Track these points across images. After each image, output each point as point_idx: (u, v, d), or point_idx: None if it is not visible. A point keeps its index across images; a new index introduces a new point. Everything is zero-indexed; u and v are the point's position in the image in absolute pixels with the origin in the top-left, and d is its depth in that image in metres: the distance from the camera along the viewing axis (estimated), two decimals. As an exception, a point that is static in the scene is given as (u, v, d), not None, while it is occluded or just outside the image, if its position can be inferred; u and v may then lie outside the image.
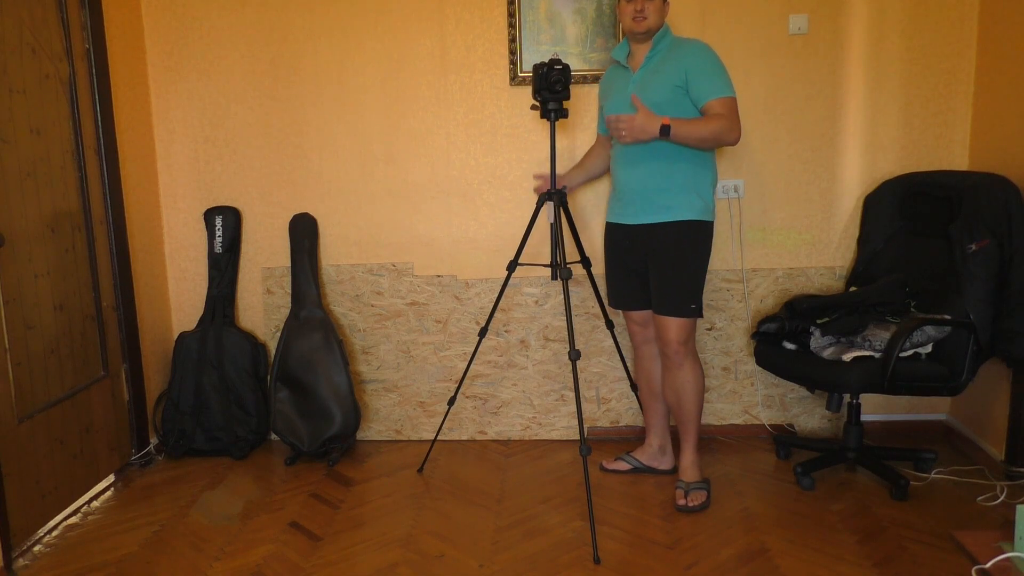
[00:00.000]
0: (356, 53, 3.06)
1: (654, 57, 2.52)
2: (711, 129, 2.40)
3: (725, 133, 2.41)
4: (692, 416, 2.65)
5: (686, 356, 2.59)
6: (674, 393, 2.65)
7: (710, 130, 2.40)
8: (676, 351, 2.57)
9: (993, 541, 2.22)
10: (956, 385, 2.52)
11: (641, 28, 2.48)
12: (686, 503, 2.57)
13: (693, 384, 2.61)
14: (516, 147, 3.08)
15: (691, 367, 2.61)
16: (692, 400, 2.63)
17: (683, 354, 2.58)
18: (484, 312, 3.16)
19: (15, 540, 2.38)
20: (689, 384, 2.61)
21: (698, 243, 2.55)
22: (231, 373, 3.13)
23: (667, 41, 2.53)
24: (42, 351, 2.54)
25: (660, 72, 2.48)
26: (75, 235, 2.73)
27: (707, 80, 2.43)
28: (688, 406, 2.63)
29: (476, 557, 2.33)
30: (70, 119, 2.71)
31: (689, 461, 2.68)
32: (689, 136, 2.39)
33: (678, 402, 2.65)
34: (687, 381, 2.61)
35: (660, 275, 2.57)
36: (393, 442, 3.26)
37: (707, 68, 2.44)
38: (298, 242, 3.14)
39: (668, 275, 2.55)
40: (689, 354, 2.60)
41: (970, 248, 2.50)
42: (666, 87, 2.46)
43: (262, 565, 2.32)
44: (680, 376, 2.61)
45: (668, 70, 2.47)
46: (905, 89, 2.96)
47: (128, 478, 2.97)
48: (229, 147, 3.15)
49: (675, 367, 2.61)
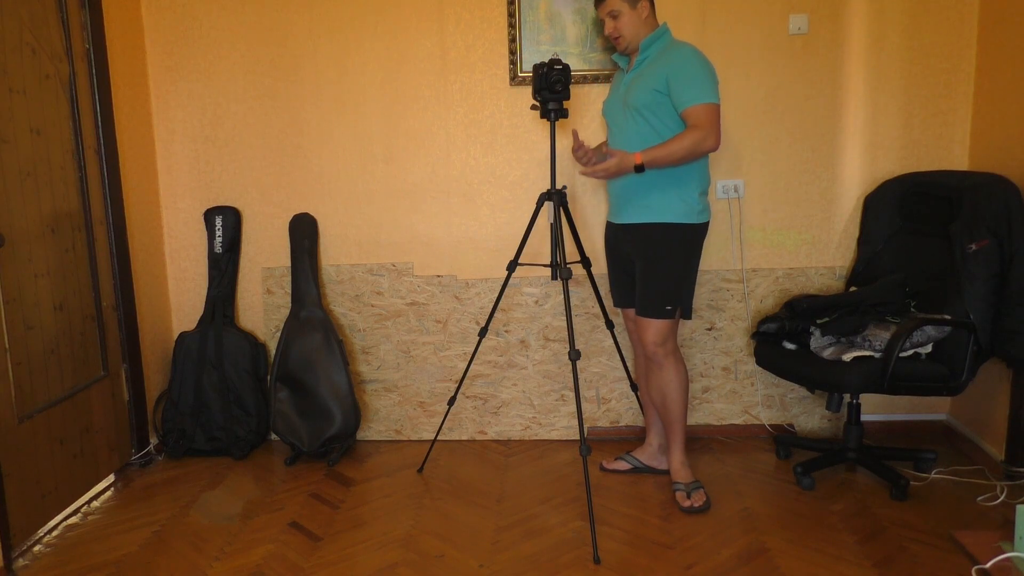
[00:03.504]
0: (356, 53, 3.06)
1: (643, 61, 2.56)
2: (683, 146, 2.40)
3: (699, 144, 2.40)
4: (677, 416, 2.65)
5: (665, 357, 2.59)
6: (658, 393, 2.66)
7: (683, 147, 2.40)
8: (654, 352, 2.58)
9: (993, 541, 2.22)
10: (956, 385, 2.52)
11: (620, 46, 2.59)
12: (691, 504, 2.57)
13: (675, 384, 2.61)
14: (516, 147, 3.08)
15: (672, 367, 2.60)
16: (676, 400, 2.62)
17: (662, 355, 2.58)
18: (484, 312, 3.16)
19: (15, 540, 2.38)
20: (671, 384, 2.61)
21: (676, 245, 2.55)
22: (231, 373, 3.13)
23: (659, 45, 2.53)
24: (42, 351, 2.54)
25: (644, 76, 2.52)
26: (75, 235, 2.73)
27: (685, 87, 2.42)
28: (672, 406, 2.63)
29: (476, 557, 2.33)
30: (70, 119, 2.71)
31: (679, 462, 2.68)
32: (665, 160, 2.43)
33: (663, 403, 2.66)
34: (669, 381, 2.61)
35: (639, 276, 2.60)
36: (393, 442, 3.26)
37: (686, 75, 2.43)
38: (298, 242, 3.14)
39: (645, 276, 2.58)
40: (669, 354, 2.59)
41: (970, 248, 2.50)
42: (646, 91, 2.49)
43: (262, 565, 2.32)
44: (662, 377, 2.61)
45: (651, 74, 2.50)
46: (905, 89, 2.96)
47: (128, 478, 2.97)
48: (229, 147, 3.15)
49: (656, 368, 2.62)
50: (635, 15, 2.51)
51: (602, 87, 3.00)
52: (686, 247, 2.56)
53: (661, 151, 2.42)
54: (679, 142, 2.41)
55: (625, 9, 2.51)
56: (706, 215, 2.58)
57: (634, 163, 2.42)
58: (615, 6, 2.52)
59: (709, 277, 3.08)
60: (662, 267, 2.55)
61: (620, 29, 2.53)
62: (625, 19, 2.52)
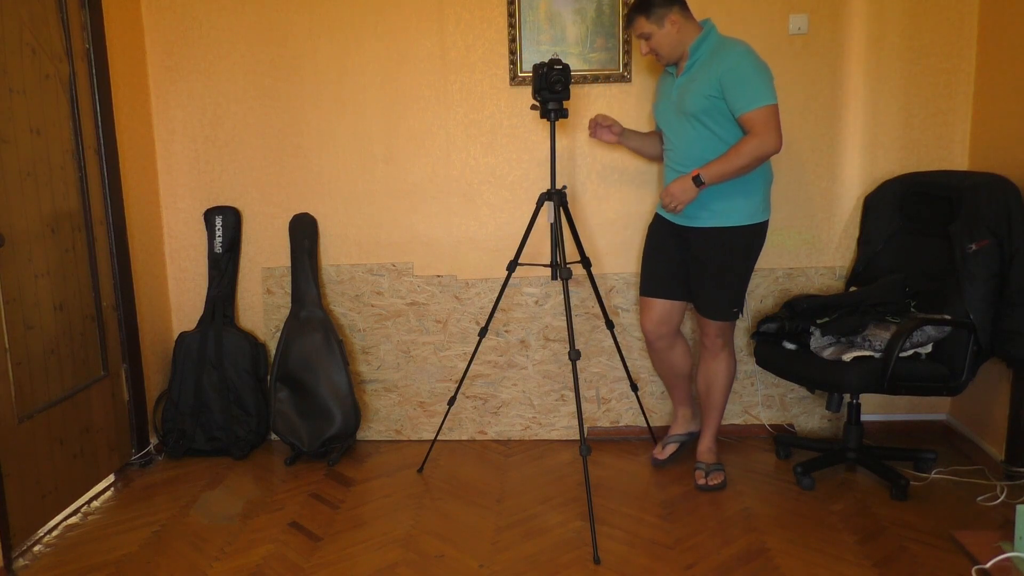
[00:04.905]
0: (356, 53, 3.06)
1: (692, 66, 2.52)
2: (743, 157, 2.41)
3: (759, 151, 2.41)
4: (718, 404, 2.78)
5: (723, 348, 2.73)
6: (706, 381, 2.77)
7: (743, 158, 2.41)
8: (714, 343, 2.72)
9: (993, 541, 2.22)
10: (956, 385, 2.52)
11: (662, 63, 2.59)
12: (706, 482, 2.70)
13: (725, 374, 2.75)
14: (516, 147, 3.08)
15: (726, 358, 2.74)
16: (721, 390, 2.76)
17: (720, 346, 2.72)
18: (484, 312, 3.16)
19: (15, 540, 2.38)
20: (722, 374, 2.74)
21: (743, 248, 2.60)
22: (231, 373, 3.13)
23: (707, 46, 2.50)
24: (42, 351, 2.54)
25: (696, 80, 2.49)
26: (75, 235, 2.73)
27: (740, 92, 2.41)
28: (716, 395, 2.76)
29: (476, 557, 2.33)
30: (70, 119, 2.71)
31: (708, 446, 2.81)
32: (725, 174, 2.43)
33: (708, 390, 2.78)
34: (720, 371, 2.74)
35: (704, 280, 2.64)
36: (393, 442, 3.26)
37: (740, 78, 2.40)
38: (298, 242, 3.13)
39: (713, 282, 2.63)
40: (726, 346, 2.73)
41: (970, 248, 2.50)
42: (700, 97, 2.47)
43: (262, 565, 2.32)
44: (714, 366, 2.74)
45: (703, 79, 2.47)
46: (905, 89, 2.96)
47: (128, 478, 2.97)
48: (229, 147, 3.15)
49: (711, 357, 2.74)
50: (666, 33, 2.49)
51: (602, 87, 3.00)
52: (751, 248, 2.63)
53: (721, 167, 2.42)
54: (738, 156, 2.41)
55: (654, 30, 2.49)
56: (768, 211, 2.62)
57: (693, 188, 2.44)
58: (643, 29, 2.51)
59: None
60: (729, 272, 2.62)
61: (655, 48, 2.53)
62: (657, 39, 2.50)
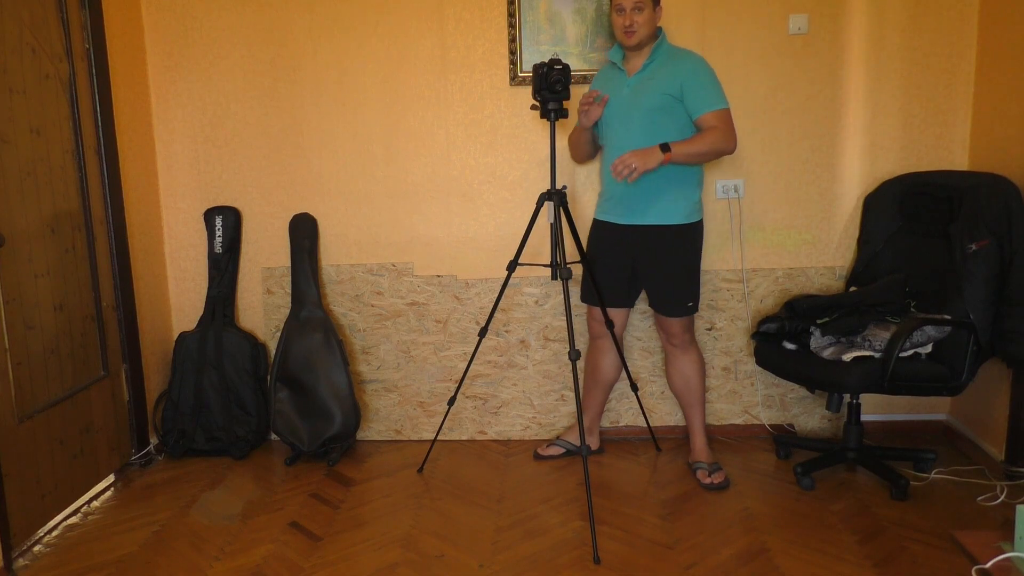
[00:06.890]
0: (356, 53, 3.06)
1: (651, 64, 2.61)
2: (707, 143, 2.53)
3: (721, 144, 2.54)
4: (700, 397, 2.84)
5: (690, 343, 2.81)
6: (681, 378, 2.82)
7: (707, 144, 2.53)
8: (682, 339, 2.78)
9: (993, 541, 2.22)
10: (956, 385, 2.52)
11: (632, 41, 2.58)
12: (711, 481, 2.72)
13: (698, 366, 2.82)
14: (516, 147, 3.08)
15: (695, 352, 2.83)
16: (698, 382, 2.82)
17: (688, 341, 2.80)
18: (484, 312, 3.16)
19: (15, 540, 2.38)
20: (694, 367, 2.81)
21: (688, 245, 2.71)
22: (231, 373, 3.13)
23: (664, 50, 2.63)
24: (42, 351, 2.54)
25: (655, 79, 2.59)
26: (75, 235, 2.73)
27: (702, 93, 2.55)
28: (695, 388, 2.82)
29: (476, 557, 2.33)
30: (70, 119, 2.71)
31: (703, 444, 2.85)
32: (689, 154, 2.52)
33: (686, 386, 2.83)
34: (692, 363, 2.80)
35: (657, 279, 2.73)
36: (393, 442, 3.26)
37: (702, 81, 2.55)
38: (298, 242, 3.13)
39: (665, 280, 2.71)
40: (692, 341, 2.83)
41: (970, 248, 2.50)
42: (659, 94, 2.57)
43: (262, 565, 2.32)
44: (685, 360, 2.80)
45: (663, 77, 2.57)
46: (905, 89, 2.96)
47: (128, 478, 2.97)
48: (229, 147, 3.15)
49: (681, 353, 2.81)
50: (653, 16, 2.57)
51: (602, 87, 3.00)
52: (696, 244, 2.73)
53: (687, 146, 2.51)
54: (703, 139, 2.53)
55: (649, 8, 2.55)
56: (702, 211, 2.75)
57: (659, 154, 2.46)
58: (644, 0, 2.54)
59: (709, 277, 3.08)
60: (680, 269, 2.70)
61: (637, 25, 2.54)
62: (646, 15, 2.55)
